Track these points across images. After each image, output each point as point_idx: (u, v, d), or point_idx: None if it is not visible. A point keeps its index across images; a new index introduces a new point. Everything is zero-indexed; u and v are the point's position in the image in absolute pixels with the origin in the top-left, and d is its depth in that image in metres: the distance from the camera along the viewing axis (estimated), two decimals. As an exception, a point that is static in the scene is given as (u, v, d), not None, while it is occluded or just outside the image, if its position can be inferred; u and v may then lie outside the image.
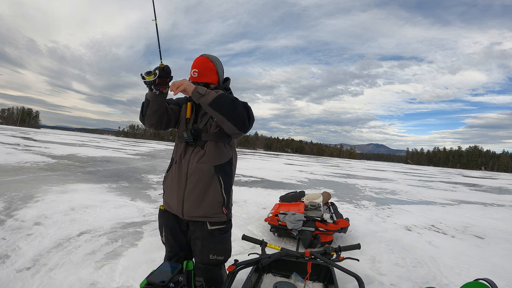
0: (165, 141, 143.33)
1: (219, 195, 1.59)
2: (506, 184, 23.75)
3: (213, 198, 1.58)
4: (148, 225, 3.91)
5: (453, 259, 3.57)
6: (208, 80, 1.62)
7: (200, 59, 1.64)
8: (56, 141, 25.76)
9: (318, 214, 3.96)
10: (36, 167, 8.43)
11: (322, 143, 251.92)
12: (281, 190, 8.29)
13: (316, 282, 1.84)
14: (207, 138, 1.60)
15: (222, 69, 1.73)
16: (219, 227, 1.62)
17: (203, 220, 1.60)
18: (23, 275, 2.28)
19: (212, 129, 1.61)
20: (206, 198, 1.58)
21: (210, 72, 1.63)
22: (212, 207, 1.58)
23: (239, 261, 1.56)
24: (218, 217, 1.61)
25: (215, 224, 1.61)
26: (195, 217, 1.60)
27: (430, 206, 8.20)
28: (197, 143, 1.60)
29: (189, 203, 1.57)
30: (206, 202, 1.58)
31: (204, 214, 1.58)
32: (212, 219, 1.60)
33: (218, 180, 1.59)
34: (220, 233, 1.63)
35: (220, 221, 1.62)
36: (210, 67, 1.63)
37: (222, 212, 1.61)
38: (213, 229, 1.60)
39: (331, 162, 52.17)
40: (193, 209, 1.58)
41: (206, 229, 1.60)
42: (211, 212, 1.59)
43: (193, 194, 1.57)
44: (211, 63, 1.63)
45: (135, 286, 2.27)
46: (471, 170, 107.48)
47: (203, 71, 1.61)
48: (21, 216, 3.71)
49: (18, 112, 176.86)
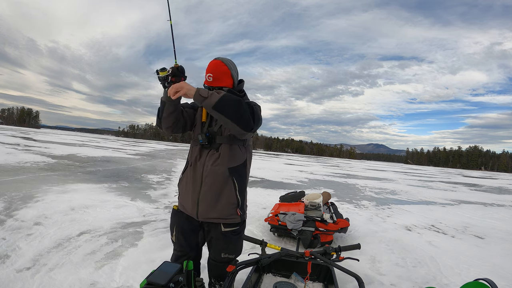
0: (165, 141, 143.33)
1: (233, 197, 1.61)
2: (506, 184, 23.75)
3: (228, 200, 1.61)
4: (148, 225, 3.91)
5: (453, 259, 3.57)
6: (223, 84, 1.62)
7: (214, 62, 1.61)
8: (56, 141, 25.76)
9: (318, 214, 3.96)
10: (36, 167, 8.43)
11: (322, 143, 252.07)
12: (281, 190, 8.29)
13: (316, 282, 1.84)
14: (221, 140, 1.61)
15: (237, 72, 1.71)
16: (232, 229, 1.66)
17: (217, 222, 1.63)
18: (23, 275, 2.28)
19: (226, 131, 1.61)
20: (220, 200, 1.60)
21: (224, 76, 1.61)
22: (226, 208, 1.61)
23: (239, 261, 1.56)
24: (232, 218, 1.64)
25: (229, 226, 1.64)
26: (209, 219, 1.62)
27: (430, 206, 8.20)
28: (212, 146, 1.61)
29: (204, 205, 1.60)
30: (220, 204, 1.60)
31: (219, 216, 1.61)
32: (226, 221, 1.63)
33: (233, 182, 1.61)
34: (233, 234, 1.67)
35: (234, 222, 1.65)
36: (225, 71, 1.61)
37: (237, 214, 1.64)
38: (227, 231, 1.64)
39: (331, 162, 52.17)
40: (208, 211, 1.60)
41: (220, 230, 1.63)
42: (225, 214, 1.61)
43: (208, 196, 1.59)
44: (225, 66, 1.61)
45: (135, 286, 2.27)
46: (471, 170, 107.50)
47: (218, 75, 1.60)
48: (21, 216, 3.71)
49: (18, 112, 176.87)
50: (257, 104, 1.61)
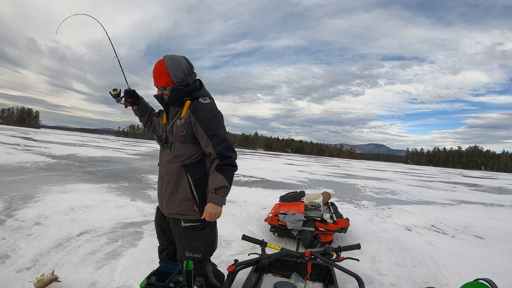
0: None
1: (188, 193, 1.64)
2: (506, 184, 23.74)
3: (183, 196, 1.65)
4: (148, 225, 3.91)
5: (453, 259, 3.57)
6: (161, 83, 1.63)
7: (156, 63, 1.64)
8: (56, 141, 25.76)
9: (318, 214, 3.96)
10: (36, 167, 8.43)
11: (322, 143, 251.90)
12: (281, 190, 8.29)
13: (316, 282, 1.85)
14: (173, 139, 1.67)
15: (182, 68, 1.64)
16: (192, 224, 1.67)
17: (177, 218, 1.68)
18: (23, 275, 2.28)
19: (179, 131, 1.65)
20: (177, 196, 1.66)
21: (162, 75, 1.62)
22: (183, 205, 1.65)
23: (239, 261, 1.56)
24: (191, 215, 1.66)
25: (189, 221, 1.67)
26: (171, 214, 1.70)
27: (430, 206, 8.20)
28: (166, 145, 1.70)
29: (165, 201, 1.70)
30: (177, 200, 1.66)
31: (177, 212, 1.67)
32: (185, 217, 1.66)
33: (187, 179, 1.64)
34: (194, 230, 1.67)
35: (193, 219, 1.66)
36: (162, 70, 1.61)
37: (194, 210, 1.65)
38: (187, 226, 1.67)
39: (331, 162, 52.16)
40: (168, 207, 1.69)
41: (180, 226, 1.68)
42: (183, 210, 1.66)
43: (167, 192, 1.69)
44: (163, 65, 1.61)
45: (135, 286, 2.27)
46: (471, 170, 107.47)
47: (156, 75, 1.63)
48: (21, 216, 3.70)
49: (18, 112, 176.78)
50: (221, 120, 1.67)
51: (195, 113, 1.59)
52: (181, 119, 1.63)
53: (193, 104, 1.62)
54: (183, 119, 1.62)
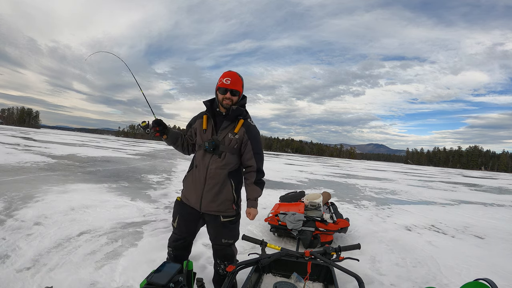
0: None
1: (230, 195, 1.97)
2: (506, 184, 23.75)
3: (226, 197, 1.96)
4: (148, 225, 3.91)
5: (453, 259, 3.57)
6: (238, 88, 1.96)
7: (231, 72, 1.98)
8: (56, 141, 25.76)
9: (318, 214, 3.96)
10: (36, 167, 8.43)
11: (322, 143, 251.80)
12: (281, 190, 8.29)
13: (316, 282, 1.85)
14: (224, 149, 1.94)
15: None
16: (229, 219, 2.01)
17: (217, 214, 1.97)
18: (23, 275, 2.28)
19: (231, 144, 1.95)
20: (220, 197, 1.95)
21: (238, 83, 1.97)
22: (224, 204, 1.96)
23: (239, 261, 1.56)
24: (229, 212, 1.99)
25: (227, 217, 1.99)
26: (210, 211, 1.97)
27: (430, 206, 8.20)
28: (215, 152, 1.93)
29: (207, 200, 1.94)
30: (220, 200, 1.95)
31: (218, 210, 1.96)
32: (224, 213, 1.98)
33: (230, 183, 1.96)
34: (230, 223, 2.03)
35: (231, 214, 2.01)
36: (239, 79, 1.98)
37: (232, 208, 2.00)
38: (225, 221, 1.99)
39: (331, 162, 52.16)
40: (210, 205, 1.95)
41: (219, 221, 1.98)
42: (223, 208, 1.97)
43: (210, 193, 1.94)
44: (239, 77, 1.99)
45: (135, 286, 2.27)
46: (471, 170, 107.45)
47: (235, 81, 1.94)
48: (21, 216, 3.71)
49: (18, 112, 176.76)
50: (260, 139, 2.06)
51: (248, 133, 1.97)
52: (235, 134, 1.94)
53: (246, 124, 1.99)
54: (237, 135, 1.95)
